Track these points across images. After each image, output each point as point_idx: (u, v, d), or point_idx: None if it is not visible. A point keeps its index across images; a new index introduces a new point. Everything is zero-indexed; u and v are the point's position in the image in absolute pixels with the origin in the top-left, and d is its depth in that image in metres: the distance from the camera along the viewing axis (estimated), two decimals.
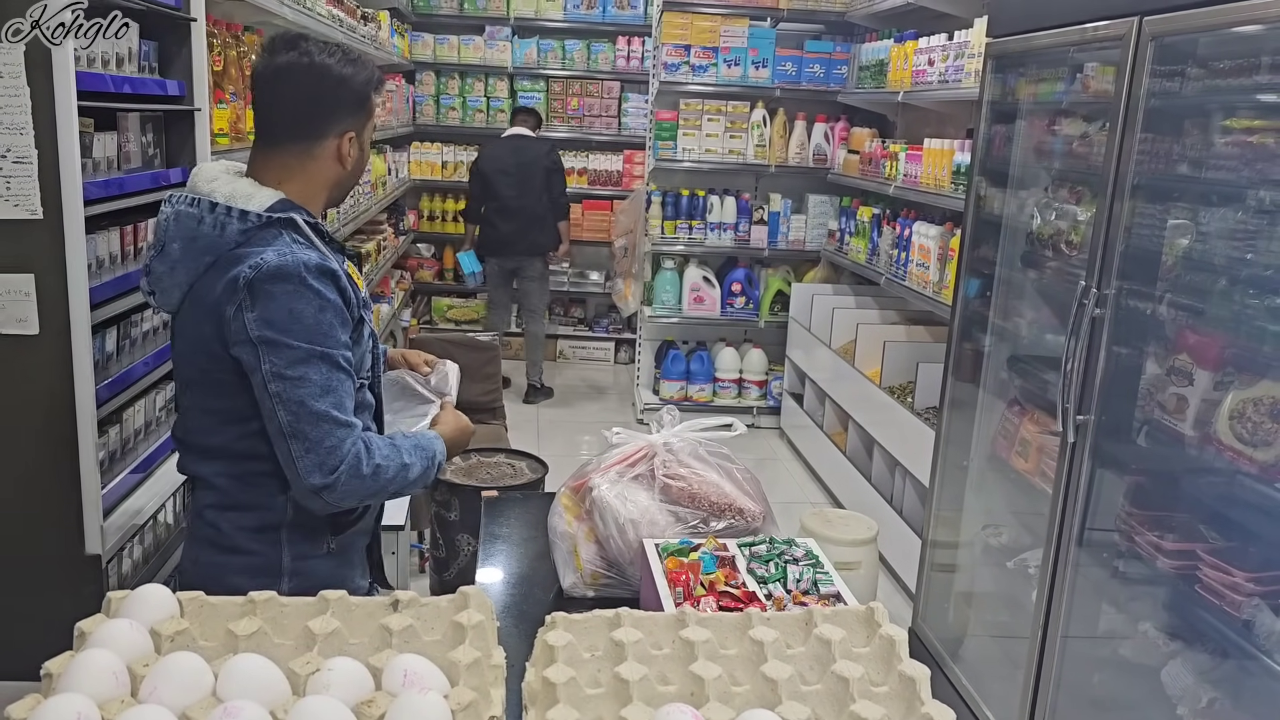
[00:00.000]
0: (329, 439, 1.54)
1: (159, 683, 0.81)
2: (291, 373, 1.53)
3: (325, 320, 1.55)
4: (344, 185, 1.74)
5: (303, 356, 1.53)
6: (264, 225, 1.57)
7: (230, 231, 1.56)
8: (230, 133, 2.91)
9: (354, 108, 1.67)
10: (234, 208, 1.57)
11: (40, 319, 1.97)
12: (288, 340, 1.52)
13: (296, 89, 1.62)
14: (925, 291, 4.12)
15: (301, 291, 1.53)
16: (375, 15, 5.41)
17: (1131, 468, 2.44)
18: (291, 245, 1.56)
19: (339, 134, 1.66)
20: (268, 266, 1.51)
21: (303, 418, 1.54)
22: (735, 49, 5.67)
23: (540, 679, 0.87)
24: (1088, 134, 2.66)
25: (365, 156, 1.75)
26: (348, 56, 1.67)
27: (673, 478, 1.97)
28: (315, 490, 1.56)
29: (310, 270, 1.54)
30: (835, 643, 0.91)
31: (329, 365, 1.55)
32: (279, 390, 1.54)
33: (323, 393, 1.54)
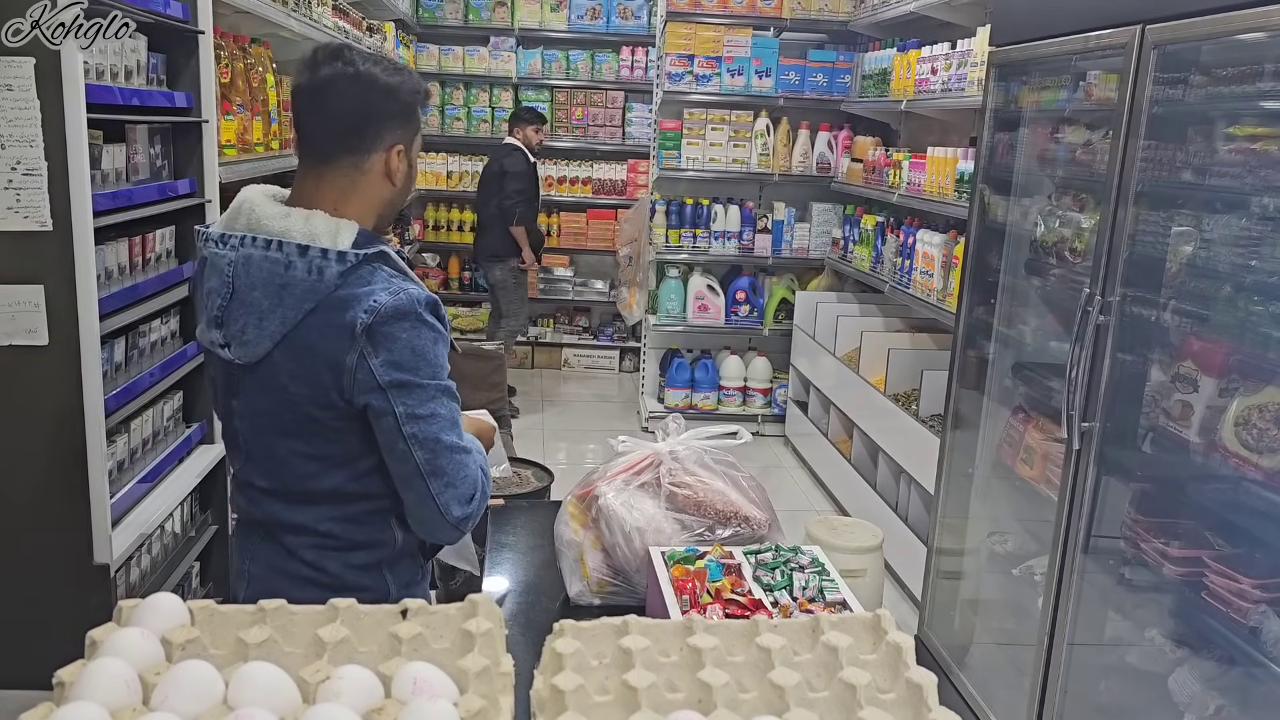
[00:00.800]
0: (464, 470, 1.54)
1: (170, 691, 0.81)
2: (423, 411, 1.50)
3: (440, 353, 1.53)
4: (394, 204, 1.64)
5: (431, 394, 1.51)
6: (360, 264, 1.49)
7: (329, 275, 1.47)
8: (238, 144, 2.93)
9: (402, 119, 1.59)
10: (329, 250, 1.48)
11: (50, 330, 1.98)
12: (417, 380, 1.49)
13: (343, 100, 1.53)
14: (929, 299, 4.12)
15: (419, 328, 1.49)
16: (380, 27, 5.44)
17: (1137, 474, 2.44)
18: (391, 281, 1.50)
19: (388, 147, 1.57)
20: (385, 309, 1.46)
21: (440, 454, 1.52)
22: (739, 58, 5.69)
23: (549, 686, 0.88)
24: (1091, 141, 2.67)
25: (414, 173, 1.66)
26: (394, 65, 1.60)
27: (679, 486, 1.98)
28: (456, 523, 1.54)
29: (423, 305, 1.50)
30: (842, 649, 0.92)
31: (449, 397, 1.54)
32: (415, 431, 1.50)
33: (450, 425, 1.53)
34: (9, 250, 1.94)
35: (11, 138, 1.89)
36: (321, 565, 1.60)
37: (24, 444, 2.04)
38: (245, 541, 1.68)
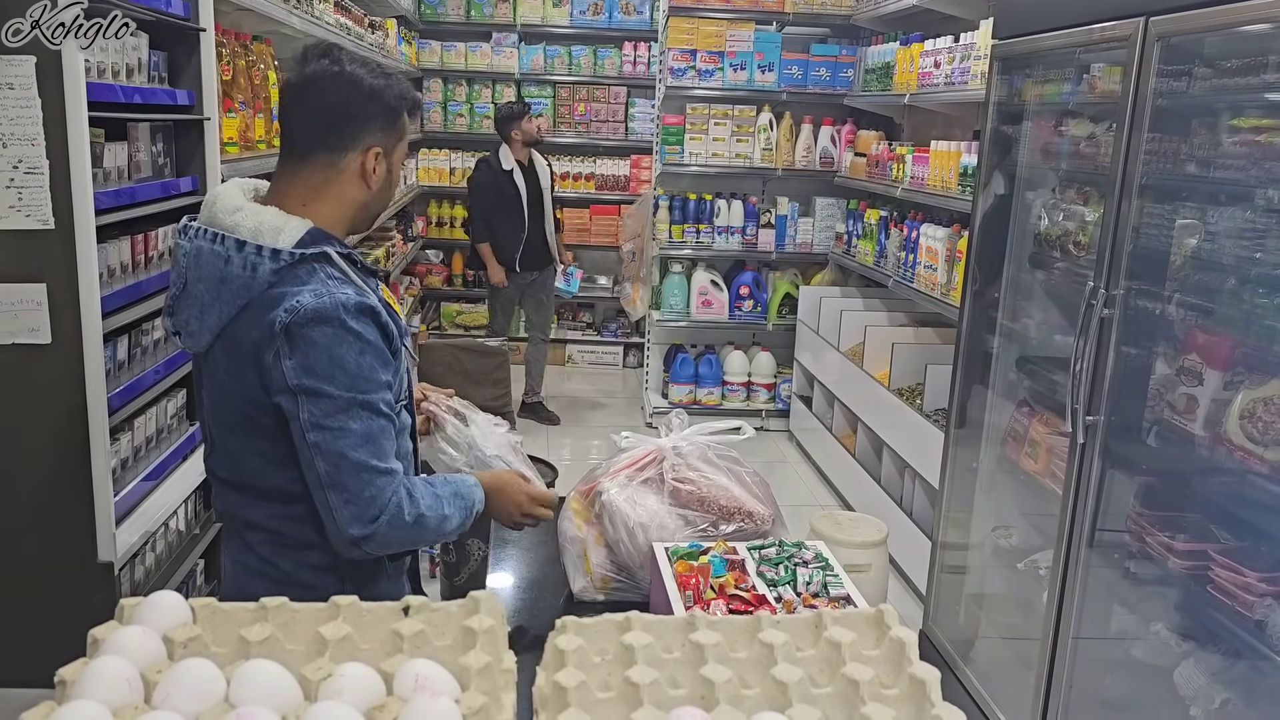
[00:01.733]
0: (369, 489, 1.48)
1: (172, 689, 0.81)
2: (331, 423, 1.46)
3: (366, 364, 1.47)
4: (370, 209, 1.63)
5: (343, 406, 1.46)
6: (297, 263, 1.47)
7: (262, 272, 1.46)
8: (240, 141, 2.93)
9: (384, 123, 1.57)
10: (264, 246, 1.46)
11: (52, 328, 1.99)
12: (327, 389, 1.45)
13: (324, 98, 1.52)
14: (933, 293, 4.11)
15: (341, 335, 1.45)
16: (383, 23, 5.43)
17: (1142, 468, 2.43)
18: (328, 283, 1.47)
19: (365, 148, 1.55)
20: (305, 310, 1.43)
21: (343, 469, 1.47)
22: (741, 53, 5.68)
23: (551, 683, 0.87)
24: (1094, 135, 2.66)
25: (394, 180, 1.64)
26: (381, 70, 1.59)
27: (682, 481, 1.98)
28: (354, 541, 1.49)
29: (349, 311, 1.45)
30: (845, 645, 0.91)
31: (369, 412, 1.48)
32: (318, 440, 1.46)
33: (363, 442, 1.47)
34: (11, 249, 1.94)
35: (13, 136, 1.89)
36: (275, 562, 1.59)
37: (28, 442, 2.05)
38: (224, 535, 1.71)
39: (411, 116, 1.65)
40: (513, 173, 5.64)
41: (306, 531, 1.56)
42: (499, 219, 5.66)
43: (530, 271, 5.80)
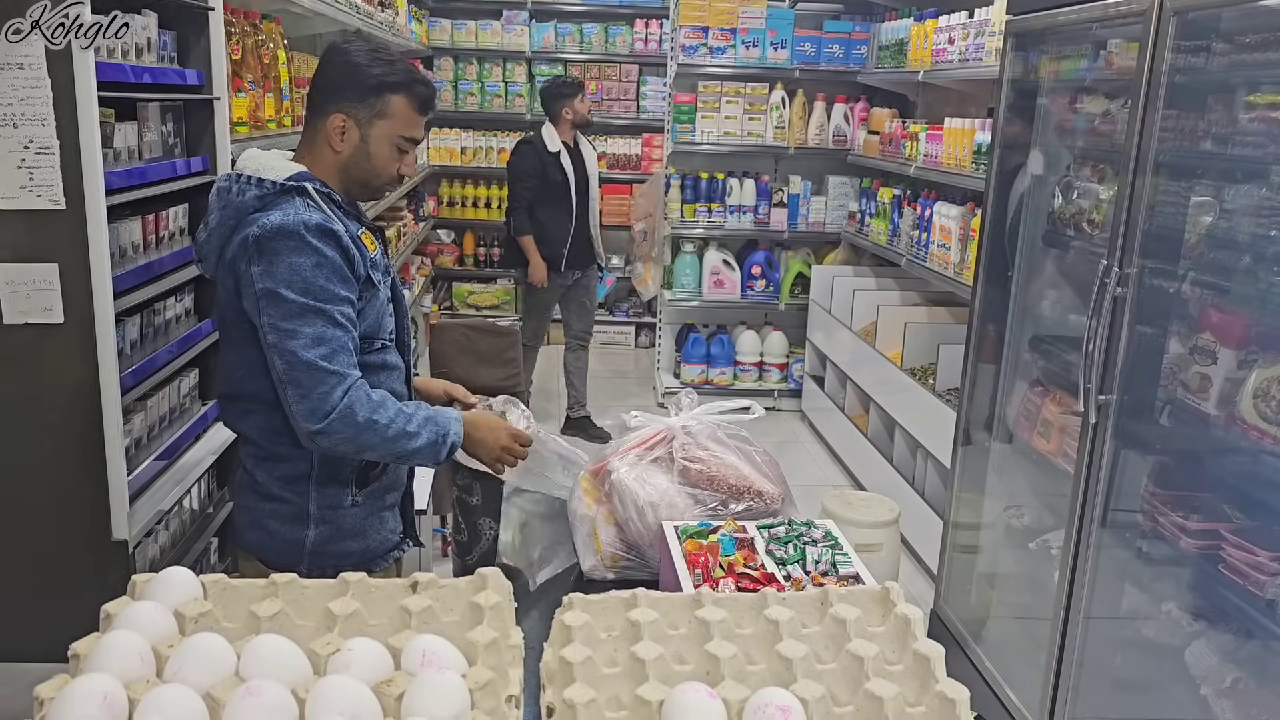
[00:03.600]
0: (321, 386, 1.65)
1: (183, 663, 0.82)
2: (285, 325, 1.65)
3: (321, 275, 1.66)
4: (350, 174, 1.81)
5: (297, 310, 1.65)
6: (279, 192, 1.70)
7: (249, 197, 1.70)
8: (249, 120, 2.92)
9: (354, 94, 1.76)
10: (254, 177, 1.71)
11: (65, 308, 1.99)
12: (284, 293, 1.64)
13: (320, 70, 1.79)
14: (946, 272, 4.09)
15: (301, 248, 1.65)
16: (393, 2, 5.41)
17: (1154, 448, 2.42)
18: (299, 207, 1.68)
19: (332, 113, 1.76)
20: (271, 225, 1.65)
21: (295, 366, 1.65)
22: (753, 30, 5.63)
23: (557, 658, 0.88)
24: (1109, 111, 2.63)
25: (373, 154, 1.80)
26: (378, 55, 1.78)
27: (691, 460, 1.98)
28: (309, 435, 1.67)
29: (310, 229, 1.66)
30: (850, 622, 0.91)
31: (323, 320, 1.66)
32: (275, 341, 1.66)
33: (313, 343, 1.65)
34: (23, 229, 1.94)
35: (23, 117, 1.89)
36: (254, 473, 1.83)
37: (42, 422, 2.06)
38: None
39: (416, 105, 1.80)
40: (559, 155, 5.09)
41: (280, 442, 1.77)
42: (544, 209, 5.08)
43: (574, 270, 5.23)
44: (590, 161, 5.25)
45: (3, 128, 1.89)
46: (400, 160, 1.86)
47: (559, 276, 5.17)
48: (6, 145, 1.90)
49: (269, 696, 0.76)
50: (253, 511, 1.84)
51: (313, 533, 1.82)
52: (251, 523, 1.84)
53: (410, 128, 1.83)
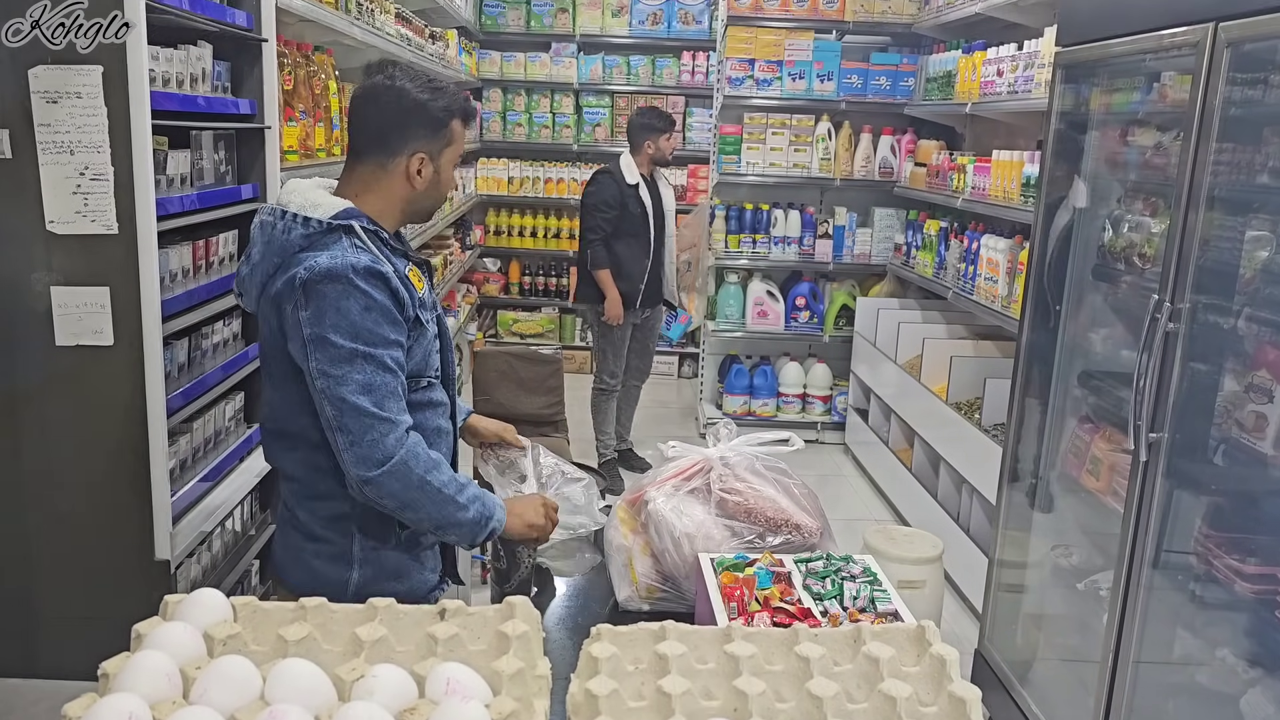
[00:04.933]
0: (370, 433, 1.63)
1: (209, 685, 0.82)
2: (334, 370, 1.63)
3: (370, 320, 1.64)
4: (418, 204, 1.82)
5: (345, 355, 1.62)
6: (326, 230, 1.67)
7: (295, 235, 1.67)
8: (300, 149, 2.98)
9: (428, 131, 1.76)
10: (300, 214, 1.68)
11: (115, 330, 2.03)
12: (332, 338, 1.62)
13: (377, 108, 1.75)
14: (993, 306, 4.04)
15: (349, 292, 1.62)
16: (443, 34, 5.51)
17: (1208, 488, 2.35)
18: (346, 249, 1.66)
19: (410, 153, 1.75)
20: (320, 268, 1.62)
21: (345, 412, 1.63)
22: (800, 62, 5.64)
23: (584, 691, 0.87)
24: (1161, 144, 2.59)
25: (442, 181, 1.82)
26: (431, 84, 1.77)
27: (729, 492, 1.96)
28: (359, 482, 1.65)
29: (359, 272, 1.63)
30: (884, 661, 0.89)
31: (372, 365, 1.64)
32: (324, 387, 1.63)
33: (363, 390, 1.63)
34: (77, 253, 1.99)
35: (80, 144, 1.94)
36: (295, 511, 1.80)
37: (90, 441, 2.10)
38: None
39: (466, 123, 1.83)
40: (638, 188, 4.93)
41: (323, 481, 1.75)
42: (621, 242, 4.93)
43: (645, 309, 5.11)
44: (667, 196, 5.13)
45: (60, 154, 1.94)
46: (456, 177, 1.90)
47: (631, 314, 5.02)
48: (63, 171, 1.95)
49: None
50: (295, 550, 1.81)
51: (356, 574, 1.78)
52: (294, 561, 1.82)
53: (463, 146, 1.86)
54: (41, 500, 2.11)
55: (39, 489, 2.11)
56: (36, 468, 2.10)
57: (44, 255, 1.98)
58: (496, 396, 4.56)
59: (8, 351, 2.04)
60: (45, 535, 2.13)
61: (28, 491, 2.11)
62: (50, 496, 2.11)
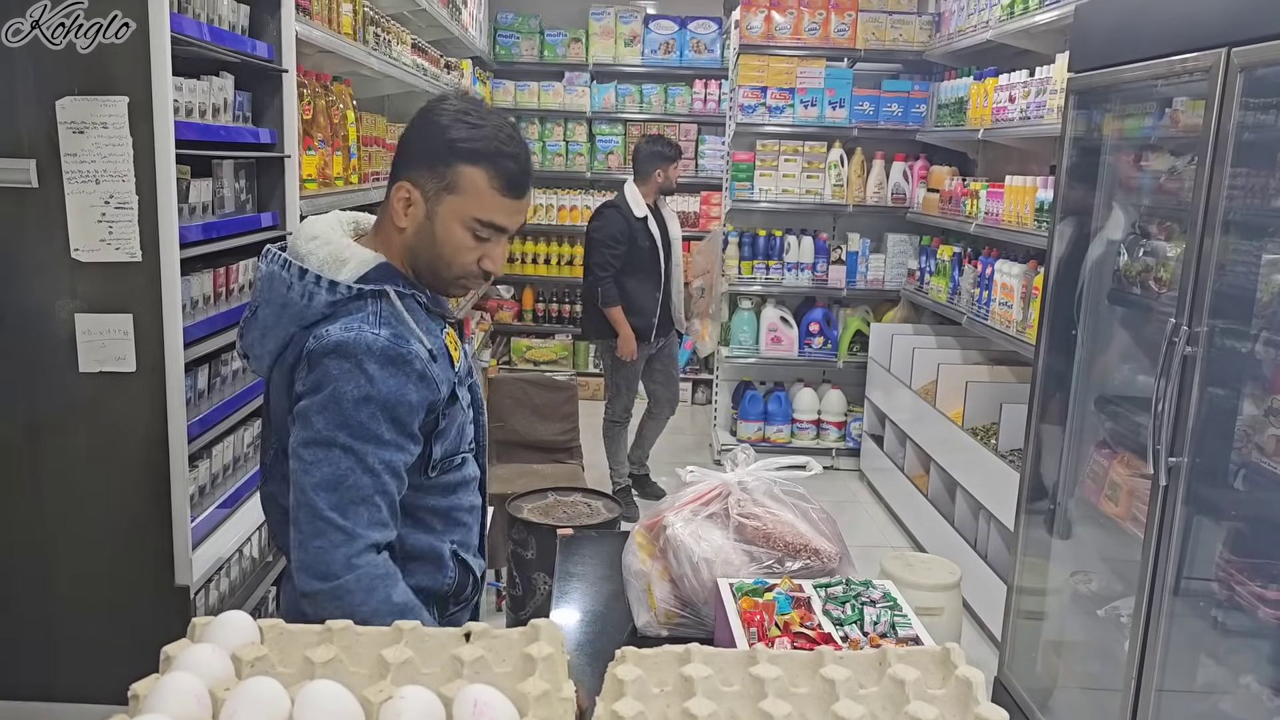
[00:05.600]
0: (318, 540, 1.38)
1: (239, 706, 0.82)
2: (305, 453, 1.40)
3: (365, 413, 1.39)
4: (417, 255, 1.53)
5: (322, 440, 1.39)
6: (353, 297, 1.45)
7: (318, 303, 1.45)
8: (318, 178, 3.01)
9: (426, 161, 1.48)
10: (323, 277, 1.46)
11: (137, 357, 2.05)
12: (314, 418, 1.39)
13: (407, 131, 1.55)
14: (1008, 331, 4.03)
15: (352, 374, 1.39)
16: (458, 64, 5.57)
17: (1230, 513, 2.34)
18: (367, 320, 1.43)
19: (400, 180, 1.51)
20: (329, 340, 1.41)
21: (300, 505, 1.40)
22: (812, 89, 5.68)
23: (609, 712, 0.87)
24: (1175, 168, 2.60)
25: (438, 234, 1.50)
26: (465, 116, 1.49)
27: (747, 517, 1.95)
28: (301, 591, 1.40)
29: (373, 353, 1.40)
30: (909, 683, 0.89)
31: (350, 460, 1.39)
32: (293, 467, 1.41)
33: (327, 486, 1.38)
34: (101, 280, 2.02)
35: (105, 173, 1.97)
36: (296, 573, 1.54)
37: (111, 467, 2.11)
38: None
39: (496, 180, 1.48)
40: (646, 220, 4.87)
41: None
42: (631, 277, 4.86)
43: (659, 339, 5.07)
44: (673, 225, 5.09)
45: (85, 184, 1.97)
46: (479, 250, 1.52)
47: (645, 346, 4.96)
48: (88, 200, 1.98)
49: None
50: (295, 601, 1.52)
51: None
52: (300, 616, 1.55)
53: (487, 209, 1.49)
54: (62, 525, 2.13)
55: (60, 514, 2.12)
56: (58, 493, 2.12)
57: (68, 283, 2.01)
58: (511, 423, 4.57)
59: (32, 378, 2.06)
60: (66, 560, 2.14)
61: (49, 516, 2.12)
62: (71, 521, 2.13)
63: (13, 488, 2.10)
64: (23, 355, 2.04)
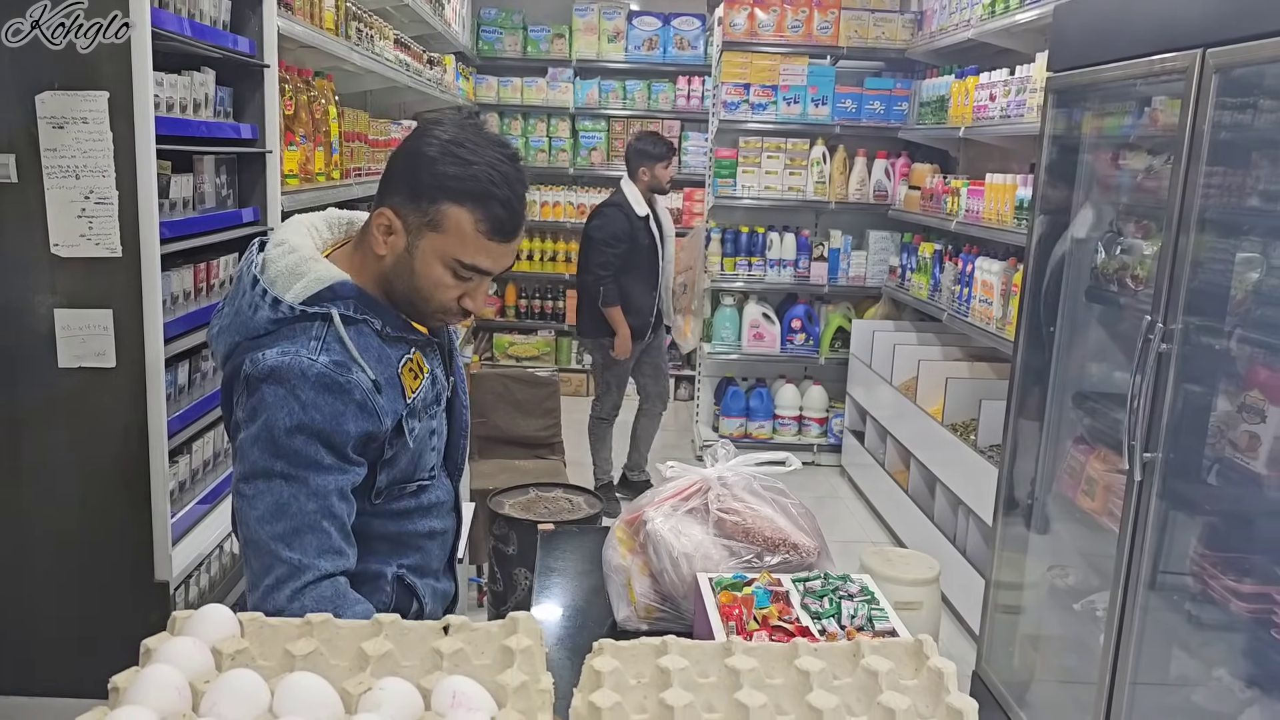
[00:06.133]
0: (266, 576, 1.33)
1: (219, 698, 0.83)
2: (246, 488, 1.36)
3: (299, 441, 1.34)
4: (393, 284, 1.46)
5: (260, 472, 1.34)
6: (296, 318, 1.39)
7: (260, 319, 1.40)
8: (300, 174, 3.01)
9: (410, 192, 1.41)
10: (269, 292, 1.40)
11: (118, 352, 2.05)
12: (251, 450, 1.35)
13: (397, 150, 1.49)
14: (988, 328, 4.07)
15: (286, 401, 1.33)
16: (441, 59, 5.56)
17: (1203, 508, 2.37)
18: (308, 344, 1.37)
19: (380, 205, 1.44)
20: (264, 365, 1.35)
21: (248, 541, 1.36)
22: (795, 87, 5.71)
23: (586, 704, 0.88)
24: (1153, 167, 2.63)
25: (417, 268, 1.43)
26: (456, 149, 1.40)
27: (727, 512, 1.97)
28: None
29: (308, 379, 1.34)
30: (882, 674, 0.90)
31: (293, 487, 1.34)
32: (237, 505, 1.39)
33: (272, 516, 1.34)
34: (81, 276, 2.01)
35: (85, 168, 1.97)
36: None
37: (92, 462, 2.11)
38: None
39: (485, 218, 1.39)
40: (648, 219, 4.86)
41: None
42: (628, 276, 4.83)
43: (651, 335, 5.08)
44: (666, 222, 5.06)
45: (65, 179, 1.97)
46: (460, 288, 1.45)
47: (638, 344, 4.95)
48: (68, 195, 1.98)
49: None
50: None
51: None
52: None
53: (469, 252, 1.41)
54: (41, 520, 2.12)
55: (39, 509, 2.12)
56: (37, 488, 2.11)
57: (48, 278, 2.00)
58: (493, 419, 4.57)
59: (10, 373, 2.05)
60: (44, 555, 2.13)
61: (27, 511, 2.11)
62: (50, 517, 2.12)
63: None
64: (2, 350, 2.03)
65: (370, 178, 3.77)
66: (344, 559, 1.38)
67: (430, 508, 1.60)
